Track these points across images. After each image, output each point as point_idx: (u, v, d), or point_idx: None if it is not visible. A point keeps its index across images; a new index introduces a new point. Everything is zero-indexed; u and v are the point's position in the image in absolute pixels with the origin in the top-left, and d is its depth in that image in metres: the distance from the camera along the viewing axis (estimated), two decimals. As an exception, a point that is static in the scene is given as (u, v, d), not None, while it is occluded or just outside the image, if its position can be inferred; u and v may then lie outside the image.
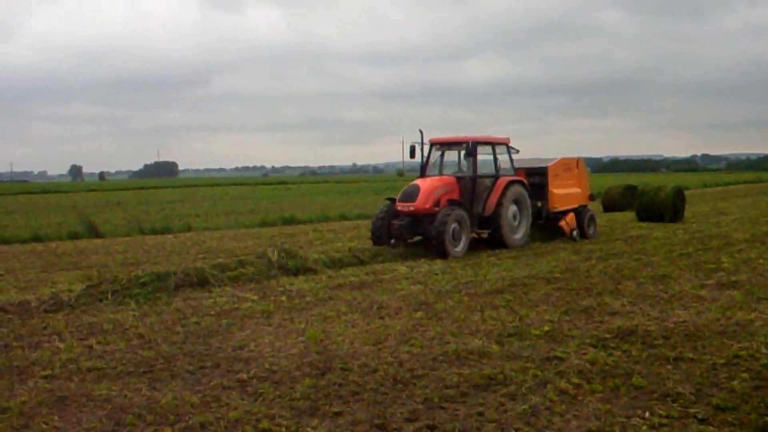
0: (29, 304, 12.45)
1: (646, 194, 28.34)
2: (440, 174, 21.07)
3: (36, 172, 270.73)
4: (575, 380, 7.98)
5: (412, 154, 21.13)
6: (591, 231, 22.87)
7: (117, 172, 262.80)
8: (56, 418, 7.23)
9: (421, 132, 20.97)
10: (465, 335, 10.10)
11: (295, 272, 15.65)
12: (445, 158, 21.73)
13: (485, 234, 20.73)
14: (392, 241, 19.37)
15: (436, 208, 19.04)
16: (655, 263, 16.41)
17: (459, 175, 20.73)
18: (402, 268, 16.53)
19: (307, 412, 7.22)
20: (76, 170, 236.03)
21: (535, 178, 22.18)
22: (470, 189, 20.13)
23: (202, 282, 14.22)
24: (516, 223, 20.79)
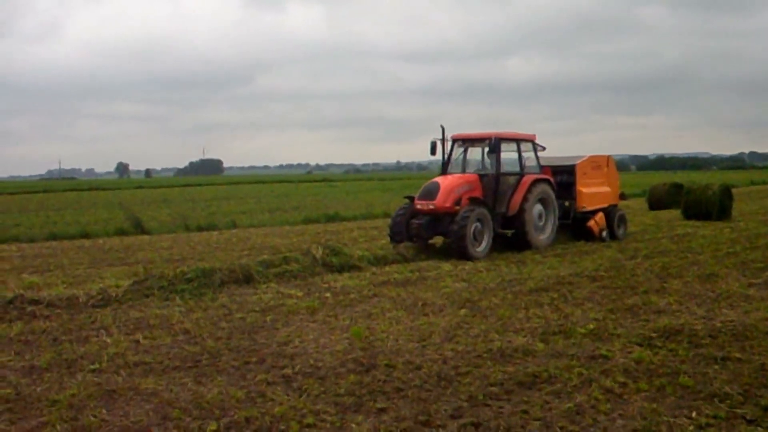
0: (77, 299, 12.60)
1: (693, 192, 28.04)
2: (463, 171, 20.19)
3: (84, 170, 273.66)
4: (621, 379, 7.93)
5: (433, 151, 20.28)
6: (621, 231, 21.96)
7: (163, 170, 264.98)
8: (104, 411, 7.31)
9: (443, 128, 20.12)
10: (509, 333, 10.07)
11: (340, 269, 15.69)
12: (468, 155, 20.74)
13: (509, 233, 19.58)
14: (414, 240, 18.68)
15: (457, 207, 18.25)
16: (702, 262, 16.23)
17: (482, 172, 19.87)
18: (446, 265, 16.50)
19: (352, 408, 7.24)
20: (122, 168, 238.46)
21: (563, 177, 21.26)
22: (493, 187, 19.30)
23: (247, 278, 14.30)
24: (541, 223, 19.98)
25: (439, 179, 19.30)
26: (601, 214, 21.42)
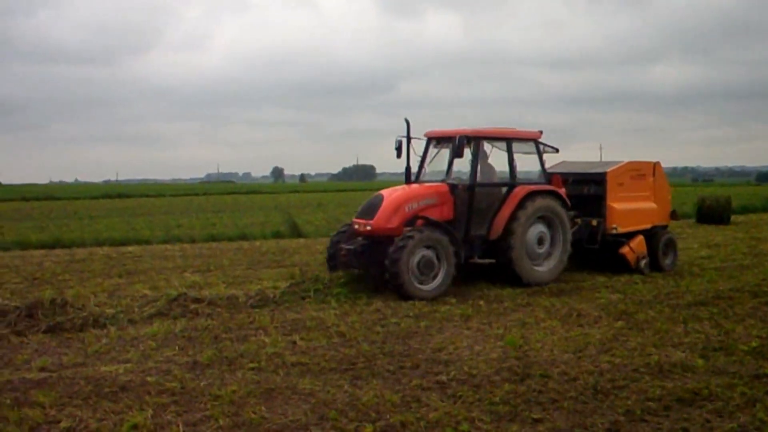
0: (237, 299, 13.04)
1: None
2: (446, 179, 14.99)
3: (241, 174, 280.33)
4: (787, 400, 7.65)
5: (399, 153, 15.75)
6: (668, 261, 17.31)
7: (317, 174, 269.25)
8: (263, 408, 7.58)
9: (407, 122, 15.71)
10: (667, 347, 9.86)
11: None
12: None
13: (487, 263, 15.23)
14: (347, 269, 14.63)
15: (407, 229, 14.03)
16: None
17: (453, 182, 14.88)
18: (601, 276, 16.21)
19: (507, 417, 7.26)
20: (278, 172, 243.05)
21: (590, 188, 16.99)
22: (467, 202, 14.76)
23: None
24: (542, 250, 15.34)
25: (385, 191, 14.97)
26: (640, 238, 16.84)
